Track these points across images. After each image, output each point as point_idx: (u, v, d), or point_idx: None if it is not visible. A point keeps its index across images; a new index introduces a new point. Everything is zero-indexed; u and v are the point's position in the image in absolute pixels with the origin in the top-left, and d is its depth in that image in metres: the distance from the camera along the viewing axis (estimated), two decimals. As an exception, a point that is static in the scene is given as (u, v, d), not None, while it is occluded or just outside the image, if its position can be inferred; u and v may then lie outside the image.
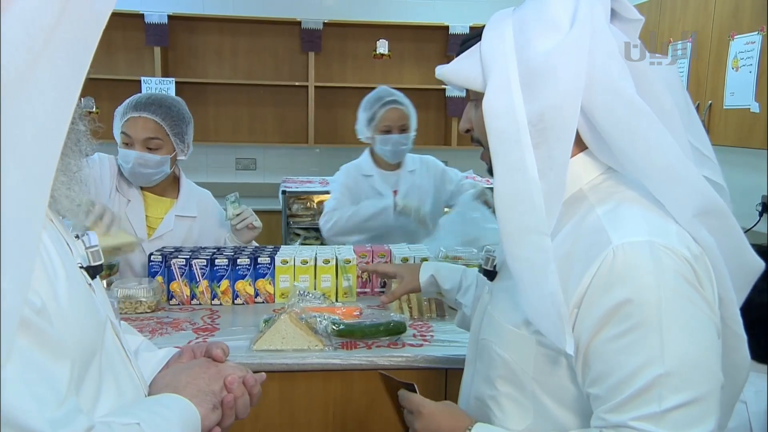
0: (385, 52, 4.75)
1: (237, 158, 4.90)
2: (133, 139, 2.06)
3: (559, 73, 0.89)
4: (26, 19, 0.60)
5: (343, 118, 4.95)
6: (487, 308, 1.10)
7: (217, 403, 0.97)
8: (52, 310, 0.69)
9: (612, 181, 0.98)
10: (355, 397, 1.65)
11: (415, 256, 2.12)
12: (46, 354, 0.68)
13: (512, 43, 0.94)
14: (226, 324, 1.84)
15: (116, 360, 0.87)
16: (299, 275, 2.04)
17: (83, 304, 0.78)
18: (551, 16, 0.92)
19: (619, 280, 0.87)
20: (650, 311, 0.86)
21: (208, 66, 4.74)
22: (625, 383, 0.87)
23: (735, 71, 2.68)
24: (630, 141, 0.91)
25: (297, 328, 1.64)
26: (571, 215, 0.97)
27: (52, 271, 0.72)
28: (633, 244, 0.88)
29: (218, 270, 2.00)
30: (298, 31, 4.68)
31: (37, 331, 0.67)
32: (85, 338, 0.77)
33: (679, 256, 0.88)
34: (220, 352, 1.05)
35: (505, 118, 0.92)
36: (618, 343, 0.88)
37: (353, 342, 1.68)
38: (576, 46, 0.89)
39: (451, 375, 1.64)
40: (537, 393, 0.98)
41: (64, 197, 0.80)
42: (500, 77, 0.93)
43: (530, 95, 0.91)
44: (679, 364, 0.85)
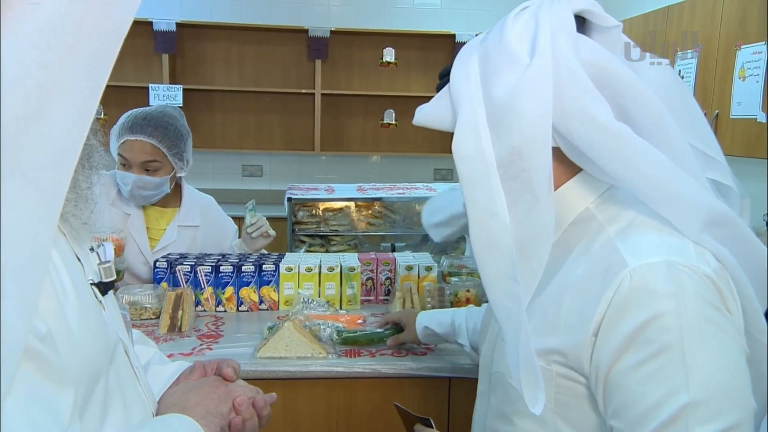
0: (392, 60, 4.77)
1: (243, 165, 4.92)
2: (131, 162, 2.02)
3: (523, 110, 0.85)
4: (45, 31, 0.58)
5: (349, 126, 4.96)
6: (498, 339, 1.04)
7: (225, 426, 0.94)
8: (58, 335, 0.66)
9: (617, 198, 0.95)
10: (359, 405, 1.65)
11: (419, 264, 2.12)
12: (50, 382, 0.65)
13: (478, 80, 0.91)
14: (230, 331, 1.84)
15: (125, 379, 0.85)
16: (303, 283, 2.04)
17: (92, 325, 0.75)
18: (510, 50, 0.88)
19: (638, 304, 0.82)
20: (672, 336, 0.81)
21: (216, 73, 4.77)
22: (649, 415, 0.81)
23: (742, 81, 2.68)
24: (617, 166, 0.87)
25: (301, 336, 1.64)
26: (581, 236, 0.94)
27: (61, 292, 0.70)
28: (650, 265, 0.84)
29: (223, 277, 2.00)
30: (305, 39, 4.71)
31: (41, 359, 0.64)
32: (93, 361, 0.74)
33: (700, 274, 0.84)
34: (231, 372, 1.03)
35: (474, 161, 0.89)
36: (639, 371, 0.82)
37: (357, 350, 1.68)
38: (537, 80, 0.85)
39: (455, 384, 1.63)
40: (559, 426, 0.93)
41: (70, 215, 0.76)
42: (467, 118, 0.90)
43: (497, 135, 0.87)
44: (705, 393, 0.79)
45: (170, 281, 2.01)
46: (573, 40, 0.88)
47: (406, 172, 4.97)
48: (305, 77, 4.80)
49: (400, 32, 4.74)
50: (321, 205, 3.28)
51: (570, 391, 0.90)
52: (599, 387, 0.87)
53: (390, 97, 4.86)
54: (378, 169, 5.04)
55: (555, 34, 0.87)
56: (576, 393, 0.90)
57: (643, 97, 0.89)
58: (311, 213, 3.24)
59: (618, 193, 0.95)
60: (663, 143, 0.88)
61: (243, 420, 0.96)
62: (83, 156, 0.76)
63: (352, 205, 3.30)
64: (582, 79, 0.86)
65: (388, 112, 4.89)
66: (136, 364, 0.91)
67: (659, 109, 0.89)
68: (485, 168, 0.88)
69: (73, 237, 0.80)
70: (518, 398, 0.95)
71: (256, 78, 4.81)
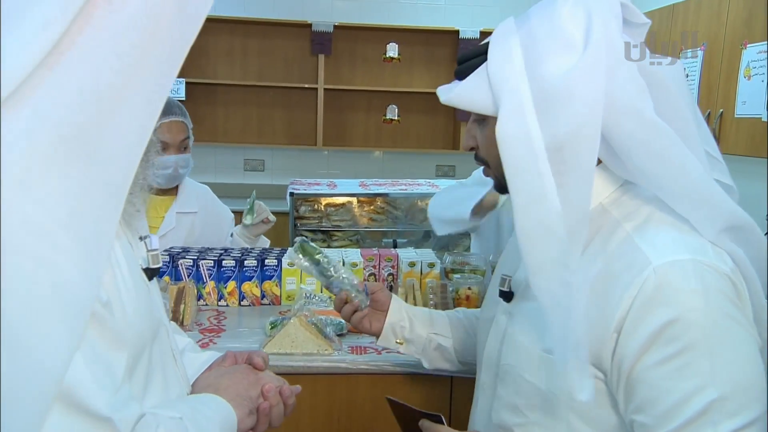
0: (395, 56, 4.76)
1: (245, 159, 4.92)
2: (170, 144, 2.10)
3: (577, 96, 0.84)
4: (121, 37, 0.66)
5: (352, 121, 4.96)
6: (506, 331, 1.04)
7: (253, 409, 1.01)
8: (115, 305, 0.74)
9: (632, 193, 0.95)
10: (360, 401, 1.65)
11: (422, 261, 2.11)
12: (108, 344, 0.72)
13: (522, 62, 0.89)
14: (232, 325, 1.84)
15: (166, 358, 0.92)
16: (306, 278, 2.04)
17: (141, 302, 0.82)
18: (563, 34, 0.87)
19: (663, 301, 0.83)
20: (698, 333, 0.82)
21: (219, 67, 4.76)
22: (676, 410, 0.82)
23: (747, 80, 2.67)
24: (652, 163, 0.87)
25: (307, 332, 1.64)
26: (595, 231, 0.93)
27: (117, 270, 0.77)
28: (675, 263, 0.85)
29: (225, 271, 2.00)
30: (308, 34, 4.70)
31: (102, 322, 0.71)
32: (140, 334, 0.81)
33: (721, 273, 0.85)
34: (261, 361, 1.09)
35: (521, 146, 0.86)
36: (665, 367, 0.83)
37: (363, 347, 1.68)
38: (593, 67, 0.84)
39: (457, 382, 1.63)
40: (571, 420, 0.93)
41: (127, 202, 0.81)
42: (513, 101, 0.87)
43: (547, 120, 0.86)
44: (731, 388, 0.81)
45: (172, 275, 2.00)
46: (621, 33, 0.88)
47: (409, 167, 4.97)
48: (308, 72, 4.79)
49: (403, 28, 4.73)
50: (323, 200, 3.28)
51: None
52: (621, 383, 0.87)
53: (393, 93, 4.86)
54: (380, 165, 5.03)
55: (608, 24, 0.86)
56: (595, 388, 0.89)
57: (675, 98, 0.90)
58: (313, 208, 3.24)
59: (632, 189, 0.95)
60: (687, 145, 0.89)
61: (270, 405, 1.02)
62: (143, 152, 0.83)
63: (354, 200, 3.30)
64: (632, 72, 0.86)
65: (391, 108, 4.88)
66: (174, 348, 0.98)
67: (684, 109, 0.90)
68: (533, 153, 0.86)
69: (126, 223, 0.88)
70: (531, 391, 0.96)
71: (259, 72, 4.80)
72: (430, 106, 4.95)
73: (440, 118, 5.00)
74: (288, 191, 3.22)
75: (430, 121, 5.01)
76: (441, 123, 5.04)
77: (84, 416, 0.66)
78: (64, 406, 0.65)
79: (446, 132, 5.05)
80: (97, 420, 0.67)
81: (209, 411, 0.93)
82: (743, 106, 2.70)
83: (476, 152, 1.06)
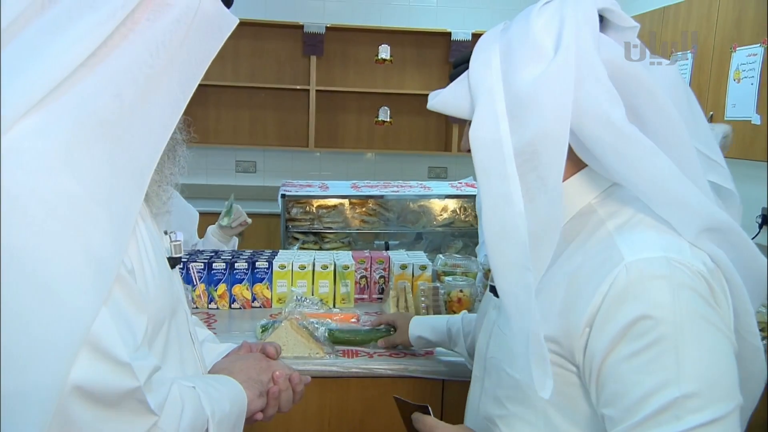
0: (387, 57, 4.75)
1: (237, 161, 4.90)
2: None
3: (544, 103, 0.86)
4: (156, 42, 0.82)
5: (344, 123, 4.95)
6: (494, 325, 1.08)
7: (263, 392, 1.09)
8: (138, 274, 0.85)
9: (619, 194, 0.97)
10: (351, 404, 1.64)
11: (414, 263, 2.11)
12: (130, 306, 0.82)
13: (499, 70, 0.92)
14: (222, 328, 1.83)
15: (184, 338, 1.01)
16: (297, 280, 2.03)
17: (163, 279, 0.93)
18: (535, 41, 0.89)
19: (633, 297, 0.85)
20: (666, 329, 0.83)
21: (210, 68, 4.64)
22: (641, 404, 0.84)
23: (737, 83, 2.68)
24: (623, 166, 0.88)
25: (298, 336, 1.63)
26: (580, 228, 0.96)
27: (143, 247, 0.89)
28: (648, 260, 0.86)
29: (215, 274, 1.99)
30: (300, 35, 4.69)
31: (126, 286, 0.81)
32: (160, 307, 0.91)
33: (695, 271, 0.86)
34: (273, 350, 1.18)
35: (490, 150, 0.90)
36: (633, 362, 0.85)
37: (354, 350, 1.67)
38: (560, 74, 0.86)
39: (449, 386, 1.63)
40: (549, 413, 0.95)
41: (154, 195, 0.96)
42: (487, 107, 0.91)
43: (517, 125, 0.88)
44: (696, 384, 0.82)
45: (162, 278, 1.99)
46: (596, 38, 0.89)
47: (401, 169, 4.96)
48: (300, 73, 4.78)
49: (395, 29, 4.73)
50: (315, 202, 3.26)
51: (561, 379, 0.92)
52: (592, 376, 0.89)
53: (385, 95, 4.85)
54: (372, 167, 5.03)
55: (580, 31, 0.88)
56: (567, 381, 0.92)
57: (656, 98, 0.90)
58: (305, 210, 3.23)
59: (620, 190, 0.97)
60: (671, 145, 0.90)
61: (279, 390, 1.10)
62: (169, 147, 0.94)
63: (346, 202, 3.28)
64: (602, 79, 0.87)
65: (383, 110, 4.87)
66: (193, 333, 1.07)
67: (670, 111, 0.91)
68: (502, 156, 0.89)
69: (153, 214, 0.99)
70: (511, 384, 0.99)
71: (251, 73, 4.78)
72: (422, 108, 4.93)
73: (432, 119, 5.00)
74: (279, 193, 3.20)
75: (422, 122, 5.01)
76: (433, 124, 5.04)
77: (107, 360, 0.75)
78: (91, 350, 0.74)
79: (438, 134, 5.06)
80: (118, 364, 0.76)
81: (221, 387, 1.01)
82: (733, 108, 2.71)
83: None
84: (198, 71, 0.89)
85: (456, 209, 3.35)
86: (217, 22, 0.90)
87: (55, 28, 0.76)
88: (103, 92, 0.77)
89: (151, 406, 0.81)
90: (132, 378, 0.78)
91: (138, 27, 0.80)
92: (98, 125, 0.77)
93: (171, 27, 0.83)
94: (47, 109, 0.74)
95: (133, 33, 0.80)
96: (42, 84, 0.74)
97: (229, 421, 0.98)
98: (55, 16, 0.77)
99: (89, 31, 0.76)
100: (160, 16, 0.82)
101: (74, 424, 0.75)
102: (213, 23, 0.89)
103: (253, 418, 1.08)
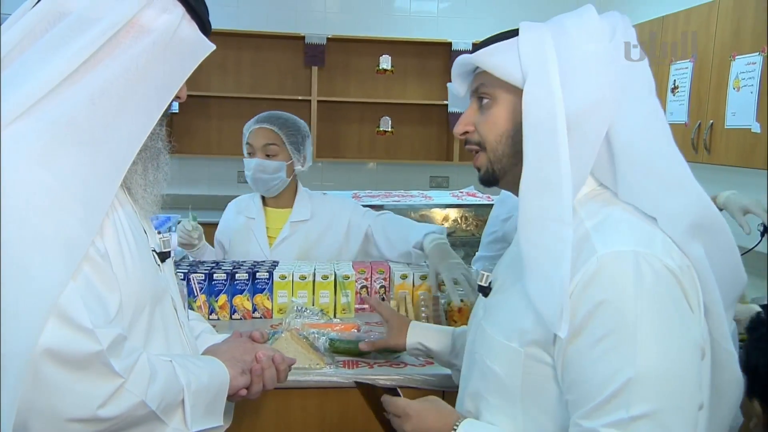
0: (388, 68, 4.77)
1: (239, 171, 4.90)
2: (254, 148, 2.27)
3: (599, 74, 0.94)
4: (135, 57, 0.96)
5: (345, 133, 4.96)
6: (480, 323, 1.11)
7: (246, 369, 1.17)
8: (114, 257, 0.97)
9: (601, 197, 1.01)
10: (351, 414, 1.64)
11: (414, 273, 2.11)
12: (101, 284, 0.94)
13: (552, 44, 0.97)
14: (223, 339, 1.83)
15: (170, 324, 1.11)
16: (297, 291, 2.03)
17: (144, 265, 1.04)
18: (593, 27, 0.98)
19: (599, 287, 0.90)
20: (627, 318, 0.87)
21: (212, 79, 4.77)
22: (598, 389, 0.88)
23: (736, 91, 2.69)
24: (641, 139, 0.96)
25: (299, 347, 1.63)
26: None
27: (123, 236, 1.00)
28: (617, 253, 0.91)
29: (216, 285, 1.99)
30: (301, 46, 4.71)
31: (97, 266, 0.94)
32: (139, 289, 1.01)
33: (664, 266, 0.90)
34: (259, 335, 1.30)
35: (544, 106, 0.94)
36: (594, 349, 0.89)
37: (355, 361, 1.67)
38: (615, 55, 0.96)
39: (449, 395, 1.62)
40: (526, 403, 1.00)
41: (140, 196, 1.09)
42: (541, 69, 0.96)
43: (569, 90, 0.94)
44: (649, 374, 0.86)
45: (163, 289, 1.99)
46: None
47: (402, 179, 4.97)
48: (301, 84, 4.80)
49: (396, 40, 4.75)
50: (316, 212, 3.27)
51: (537, 372, 0.97)
52: (559, 363, 0.94)
53: (386, 105, 4.86)
54: (374, 177, 5.03)
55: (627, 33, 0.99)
56: (543, 374, 0.97)
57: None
58: (306, 220, 3.23)
59: (602, 194, 1.02)
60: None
61: (262, 368, 1.19)
62: (152, 155, 1.08)
63: (347, 212, 3.28)
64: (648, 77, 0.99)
65: (385, 120, 4.89)
66: (183, 320, 1.17)
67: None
68: (554, 115, 0.94)
69: (142, 215, 1.11)
70: (491, 376, 1.04)
71: (253, 84, 4.81)
72: (423, 118, 4.96)
73: (434, 129, 5.02)
74: (281, 203, 3.22)
75: (423, 132, 5.02)
76: (434, 134, 5.05)
77: (71, 327, 0.86)
78: (58, 318, 0.85)
79: (440, 143, 5.06)
80: (81, 330, 0.87)
81: (202, 363, 1.10)
82: (733, 117, 2.71)
83: (468, 137, 1.09)
84: (173, 86, 1.04)
85: (457, 218, 3.36)
86: (192, 47, 1.06)
87: (46, 52, 0.92)
88: (79, 101, 0.91)
89: (116, 369, 0.90)
90: (95, 342, 0.87)
91: (118, 50, 0.95)
92: (73, 129, 0.90)
93: (148, 48, 0.97)
94: (29, 116, 0.89)
95: (114, 53, 0.95)
96: (28, 97, 0.89)
97: (207, 392, 1.06)
98: (47, 41, 0.93)
99: (75, 53, 0.92)
100: (138, 40, 0.97)
101: (46, 383, 0.85)
102: (188, 47, 1.05)
103: (238, 394, 1.16)
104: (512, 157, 1.03)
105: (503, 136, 1.03)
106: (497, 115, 1.03)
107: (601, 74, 0.95)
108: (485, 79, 1.04)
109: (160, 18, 0.99)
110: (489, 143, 1.05)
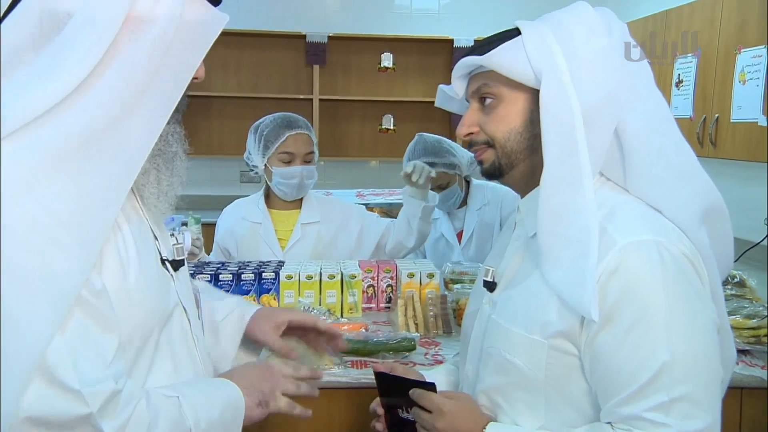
0: (390, 66, 4.76)
1: (241, 171, 4.90)
2: (296, 155, 2.22)
3: (605, 69, 0.96)
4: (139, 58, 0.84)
5: (347, 131, 4.95)
6: (490, 318, 1.10)
7: (263, 401, 1.09)
8: (114, 291, 0.87)
9: (606, 187, 1.03)
10: (361, 414, 1.63)
11: (421, 271, 2.10)
12: (97, 326, 0.83)
13: (555, 41, 0.99)
14: (230, 340, 1.82)
15: (178, 342, 1.01)
16: (304, 291, 2.02)
17: (151, 291, 0.94)
18: (592, 22, 0.99)
19: (625, 276, 0.92)
20: (657, 307, 0.90)
21: (214, 79, 4.75)
22: (633, 375, 0.91)
23: (742, 85, 2.67)
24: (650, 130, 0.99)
25: (307, 347, 1.62)
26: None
27: (125, 259, 0.90)
28: (639, 242, 0.94)
29: (222, 285, 1.99)
30: (303, 45, 4.70)
31: (91, 308, 0.83)
32: (145, 319, 0.92)
33: (681, 253, 0.95)
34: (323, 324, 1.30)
35: (562, 103, 0.96)
36: (625, 337, 0.91)
37: (363, 361, 1.66)
38: (618, 50, 0.98)
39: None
40: (549, 394, 1.01)
41: (152, 205, 0.98)
42: (553, 67, 0.97)
43: (580, 86, 0.96)
44: (684, 357, 0.90)
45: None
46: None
47: (405, 177, 4.95)
48: (303, 83, 4.79)
49: (398, 37, 4.73)
50: (320, 211, 3.26)
51: (561, 363, 0.98)
52: (587, 353, 0.96)
53: (388, 102, 4.85)
54: (377, 175, 5.02)
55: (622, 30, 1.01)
56: (567, 365, 0.98)
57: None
58: (310, 219, 3.23)
59: (605, 184, 1.04)
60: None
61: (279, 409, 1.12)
62: (167, 160, 0.98)
63: (351, 211, 3.28)
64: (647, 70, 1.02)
65: (387, 117, 4.87)
66: (197, 334, 1.08)
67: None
68: (570, 110, 0.96)
69: (154, 222, 1.02)
70: (512, 369, 1.03)
71: (254, 84, 4.79)
72: (425, 115, 4.95)
73: (436, 126, 4.99)
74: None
75: (425, 129, 4.94)
76: (436, 132, 4.97)
77: (57, 387, 0.78)
78: (42, 377, 0.77)
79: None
80: (68, 391, 0.79)
81: (215, 391, 1.02)
82: (739, 110, 2.70)
83: (472, 137, 1.09)
84: (177, 89, 0.91)
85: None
86: (201, 29, 0.92)
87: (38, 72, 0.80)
88: (73, 124, 0.80)
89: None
90: (82, 405, 0.79)
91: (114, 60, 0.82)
92: (65, 155, 0.79)
93: (151, 46, 0.84)
94: (18, 140, 0.78)
95: (115, 59, 0.82)
96: (17, 119, 0.77)
97: (219, 427, 0.99)
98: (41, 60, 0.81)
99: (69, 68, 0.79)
100: (140, 35, 0.84)
101: None
102: (198, 30, 0.91)
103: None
104: (521, 153, 1.04)
105: (512, 132, 1.04)
106: (505, 113, 1.04)
107: (607, 69, 0.97)
108: (488, 79, 1.04)
109: (158, 6, 0.85)
110: (498, 140, 1.05)
